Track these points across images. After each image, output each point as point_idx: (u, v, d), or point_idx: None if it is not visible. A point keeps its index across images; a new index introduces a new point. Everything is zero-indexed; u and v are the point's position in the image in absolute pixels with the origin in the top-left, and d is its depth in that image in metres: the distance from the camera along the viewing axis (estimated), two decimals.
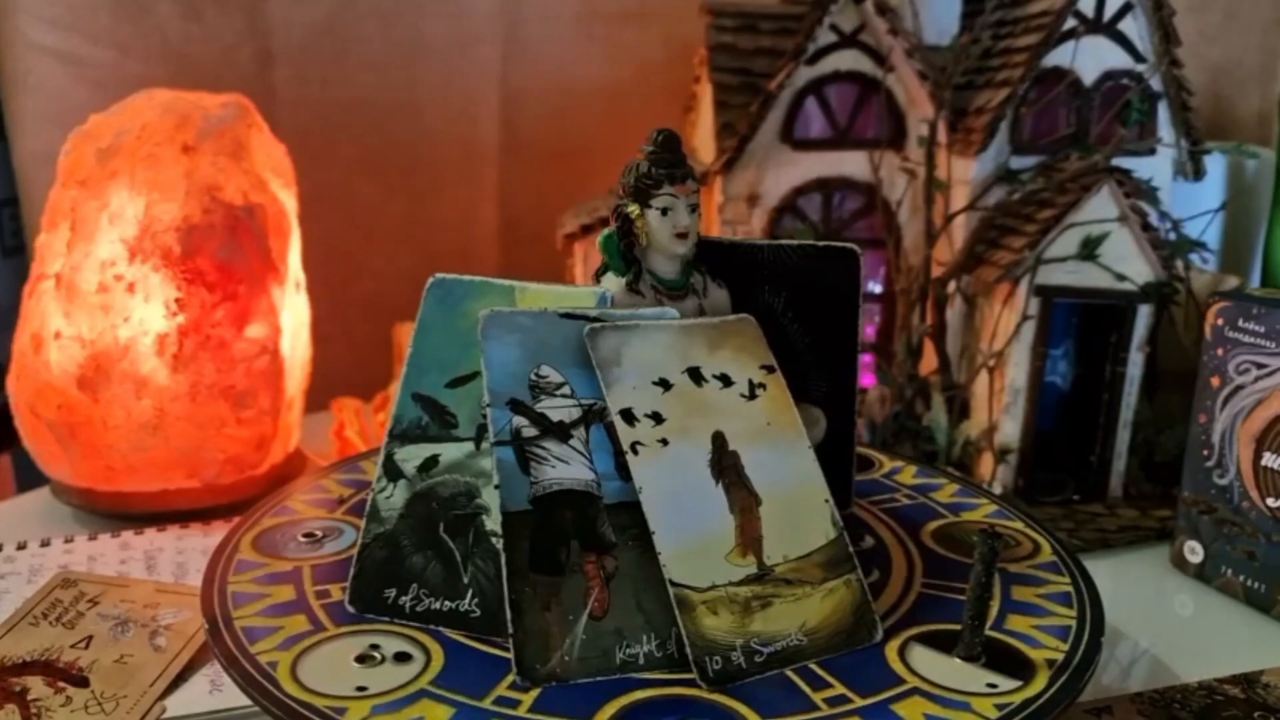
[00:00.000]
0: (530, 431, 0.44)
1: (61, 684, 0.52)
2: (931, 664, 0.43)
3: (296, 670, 0.42)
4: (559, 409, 0.45)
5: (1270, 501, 0.62)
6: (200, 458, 0.69)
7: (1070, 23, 0.75)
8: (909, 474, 0.63)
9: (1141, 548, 0.70)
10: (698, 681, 0.41)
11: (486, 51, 1.05)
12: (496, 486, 0.43)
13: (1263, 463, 0.62)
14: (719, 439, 0.46)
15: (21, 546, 0.66)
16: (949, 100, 0.78)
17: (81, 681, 0.52)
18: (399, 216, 1.06)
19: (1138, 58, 0.76)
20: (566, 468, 0.44)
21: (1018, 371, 0.74)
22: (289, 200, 0.74)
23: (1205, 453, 0.65)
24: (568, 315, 0.46)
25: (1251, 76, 0.99)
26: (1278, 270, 0.81)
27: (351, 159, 1.03)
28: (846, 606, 0.44)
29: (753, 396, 0.47)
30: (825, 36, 0.80)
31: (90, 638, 0.55)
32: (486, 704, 0.40)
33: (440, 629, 0.45)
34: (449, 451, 0.48)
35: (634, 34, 1.07)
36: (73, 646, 0.54)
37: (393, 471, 0.48)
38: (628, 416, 0.44)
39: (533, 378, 0.45)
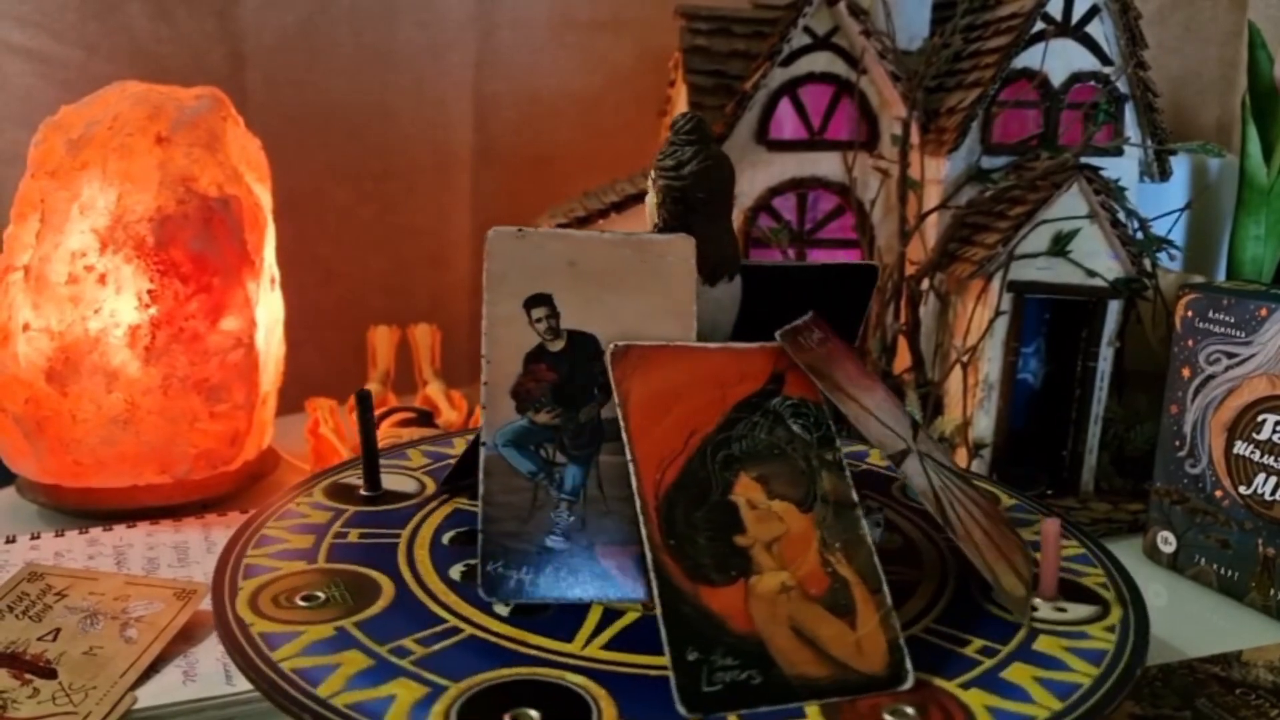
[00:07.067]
0: None
1: (28, 676, 0.50)
2: None
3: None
4: None
5: (1243, 489, 0.63)
6: (172, 453, 0.68)
7: (1039, 25, 0.76)
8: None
9: (1114, 540, 0.71)
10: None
11: (459, 58, 1.05)
12: None
13: (1234, 451, 0.63)
14: None
15: None
16: (921, 101, 0.79)
17: (49, 673, 0.51)
18: (371, 222, 1.06)
19: (1105, 60, 0.78)
20: None
21: (991, 367, 0.75)
22: (264, 194, 0.74)
23: (1177, 443, 0.66)
24: None
25: (1211, 87, 1.02)
26: (1243, 270, 0.83)
27: (324, 164, 1.02)
28: None
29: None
30: (799, 38, 0.81)
31: (58, 630, 0.54)
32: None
33: None
34: None
35: (606, 41, 1.08)
36: (40, 639, 0.53)
37: None
38: None
39: None
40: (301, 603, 0.47)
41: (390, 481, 0.60)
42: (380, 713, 0.39)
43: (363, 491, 0.57)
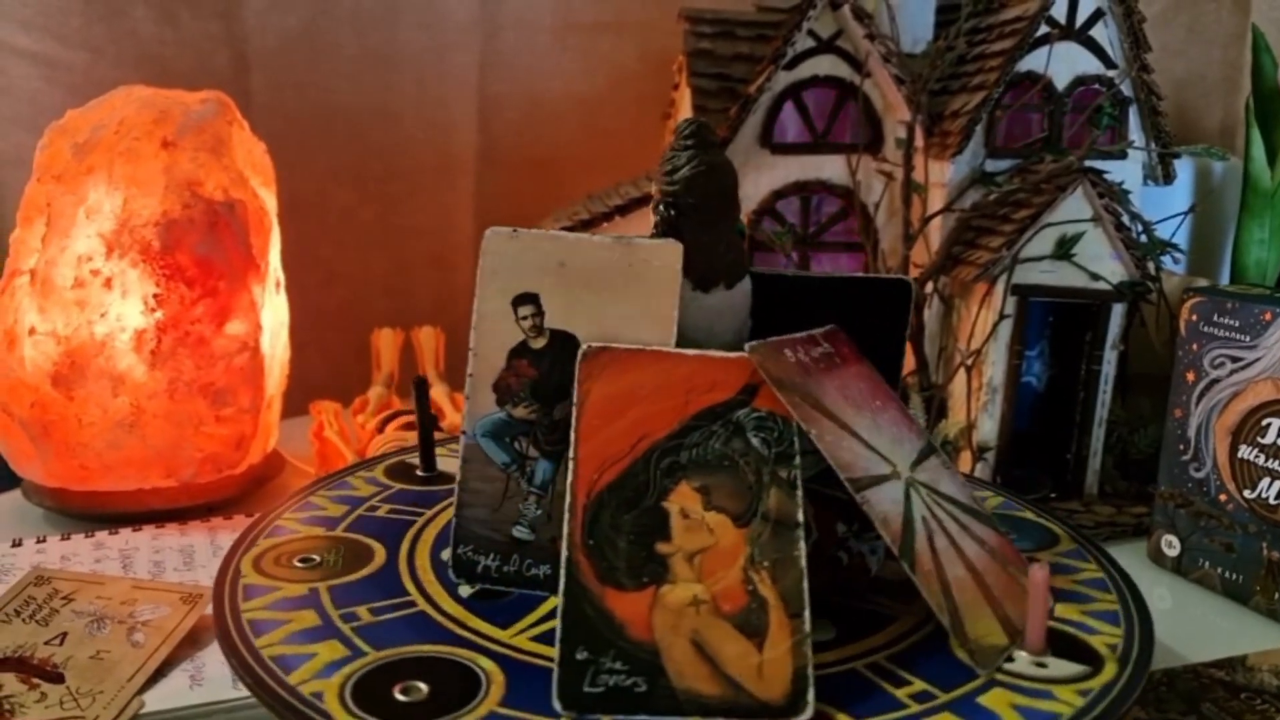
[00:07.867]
0: None
1: (35, 680, 0.50)
2: None
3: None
4: None
5: (1247, 493, 0.63)
6: (178, 456, 0.68)
7: (1043, 29, 0.76)
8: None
9: (1119, 543, 0.71)
10: None
11: (463, 60, 1.05)
12: None
13: (1239, 455, 0.63)
14: None
15: None
16: (925, 104, 0.80)
17: (56, 678, 0.51)
18: (374, 224, 1.06)
19: (1109, 63, 0.78)
20: None
21: (995, 370, 0.75)
22: (269, 198, 0.74)
23: (1181, 447, 0.66)
24: None
25: (1215, 89, 1.02)
26: (1247, 274, 0.83)
27: (327, 166, 1.02)
28: None
29: None
30: (803, 42, 0.81)
31: (65, 634, 0.54)
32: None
33: None
34: None
35: (609, 44, 1.08)
36: (47, 643, 0.53)
37: None
38: None
39: None
40: (298, 564, 0.51)
41: (451, 465, 0.61)
42: (292, 667, 0.41)
43: (419, 472, 0.63)
